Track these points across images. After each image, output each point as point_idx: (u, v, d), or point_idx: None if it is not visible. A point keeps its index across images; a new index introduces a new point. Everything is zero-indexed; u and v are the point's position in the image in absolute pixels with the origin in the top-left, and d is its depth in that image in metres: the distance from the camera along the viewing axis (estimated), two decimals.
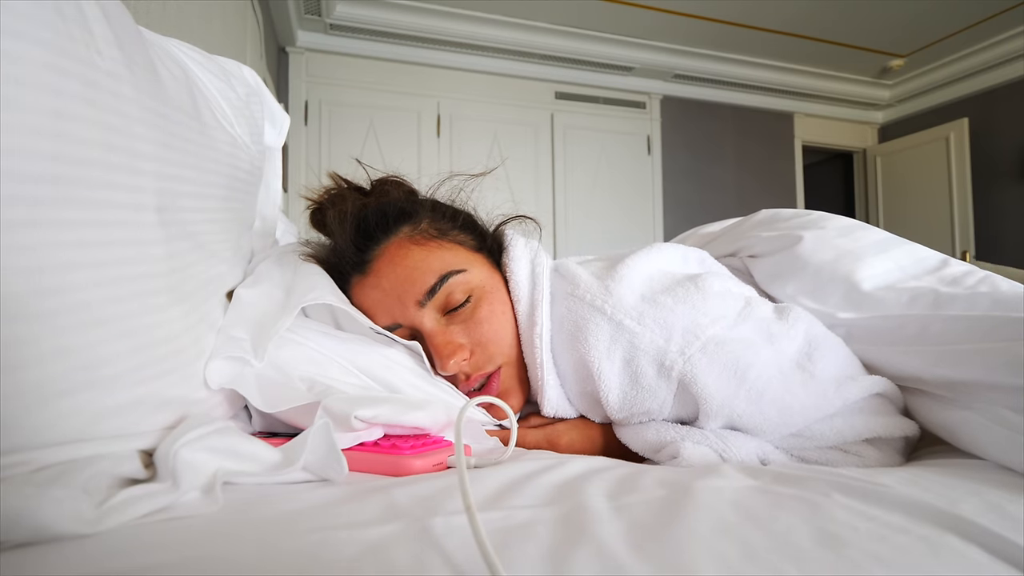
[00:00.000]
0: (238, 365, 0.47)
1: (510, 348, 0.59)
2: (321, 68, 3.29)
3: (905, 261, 0.60)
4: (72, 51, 0.30)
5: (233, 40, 1.88)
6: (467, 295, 0.58)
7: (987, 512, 0.30)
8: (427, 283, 0.56)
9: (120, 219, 0.34)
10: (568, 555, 0.25)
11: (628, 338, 0.52)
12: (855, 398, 0.50)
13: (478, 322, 0.57)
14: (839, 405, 0.49)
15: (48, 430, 0.30)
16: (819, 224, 0.65)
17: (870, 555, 0.26)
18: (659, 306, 0.52)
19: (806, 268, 0.61)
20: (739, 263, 0.70)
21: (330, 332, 0.55)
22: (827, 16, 3.34)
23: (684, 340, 0.50)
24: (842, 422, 0.49)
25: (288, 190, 2.94)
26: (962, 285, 0.56)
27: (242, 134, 0.57)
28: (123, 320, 0.34)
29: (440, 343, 0.56)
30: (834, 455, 0.50)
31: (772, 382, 0.49)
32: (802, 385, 0.49)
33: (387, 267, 0.58)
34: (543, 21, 3.35)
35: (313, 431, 0.37)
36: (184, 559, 0.25)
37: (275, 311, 0.51)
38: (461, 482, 0.28)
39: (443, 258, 0.58)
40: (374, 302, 0.58)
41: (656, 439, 0.52)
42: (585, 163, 3.74)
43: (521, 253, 0.62)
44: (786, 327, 0.53)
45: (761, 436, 0.50)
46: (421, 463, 0.40)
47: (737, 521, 0.29)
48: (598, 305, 0.54)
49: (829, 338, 0.54)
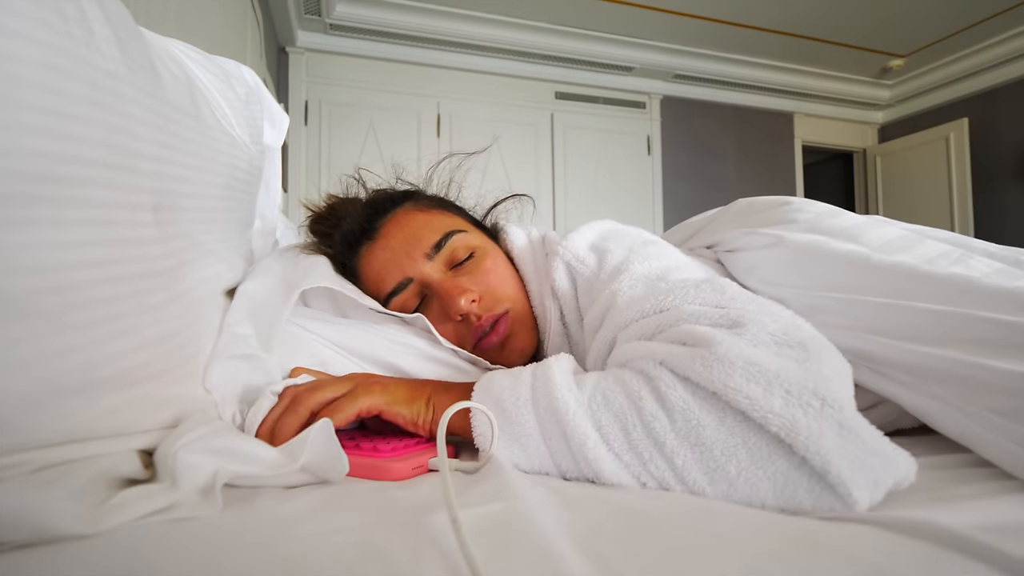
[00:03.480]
0: (243, 363, 0.47)
1: (515, 296, 0.63)
2: (321, 68, 3.29)
3: (877, 243, 0.59)
4: (73, 51, 0.30)
5: (233, 40, 1.88)
6: (470, 252, 0.63)
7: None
8: (433, 239, 0.62)
9: (119, 218, 0.34)
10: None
11: (573, 275, 0.59)
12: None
13: (484, 272, 0.62)
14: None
15: (47, 430, 0.30)
16: (790, 217, 0.64)
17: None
18: (602, 251, 0.57)
19: (778, 260, 0.60)
20: (714, 256, 0.70)
21: (330, 320, 0.57)
22: (827, 16, 3.34)
23: (613, 271, 0.54)
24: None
25: (288, 190, 2.94)
26: (936, 266, 0.55)
27: (241, 134, 0.57)
28: (121, 319, 0.34)
29: (450, 286, 0.60)
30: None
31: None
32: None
33: (395, 228, 0.63)
34: (543, 21, 3.35)
35: (313, 431, 0.37)
36: (183, 560, 0.25)
37: (278, 303, 0.51)
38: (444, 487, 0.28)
39: (444, 220, 0.65)
40: (384, 261, 0.62)
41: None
42: (585, 163, 3.74)
43: (516, 229, 0.70)
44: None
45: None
46: (400, 467, 0.40)
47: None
48: (559, 252, 0.59)
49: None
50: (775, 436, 0.33)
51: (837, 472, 0.31)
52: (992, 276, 0.51)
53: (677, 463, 0.35)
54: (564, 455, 0.39)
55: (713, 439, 0.34)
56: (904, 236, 0.60)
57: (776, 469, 0.33)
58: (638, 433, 0.37)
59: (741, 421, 0.34)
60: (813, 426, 0.32)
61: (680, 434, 0.35)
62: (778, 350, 0.37)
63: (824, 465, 0.31)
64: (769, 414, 0.33)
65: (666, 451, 0.35)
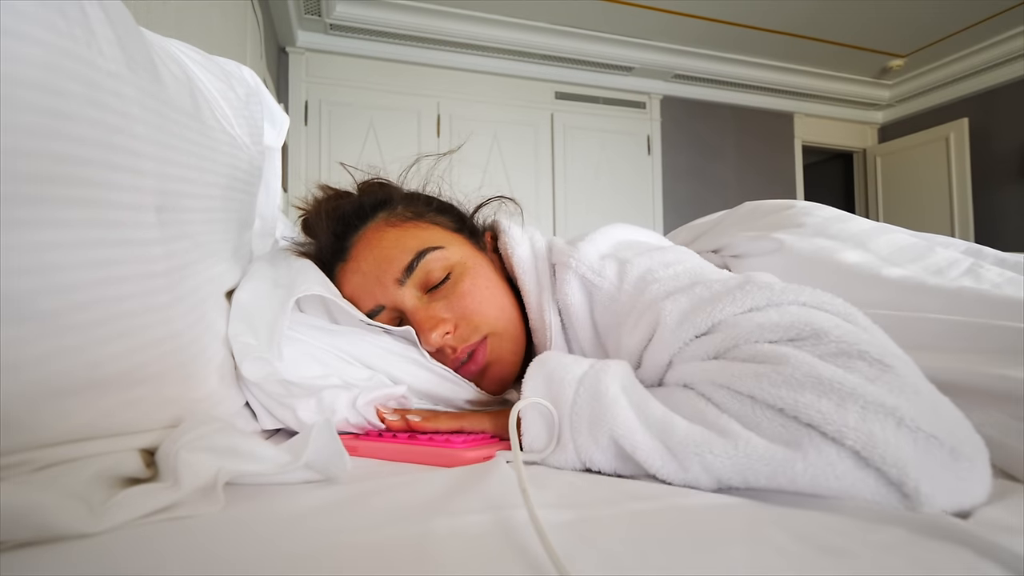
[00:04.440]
0: (266, 366, 0.48)
1: (496, 319, 0.59)
2: (321, 68, 3.29)
3: (886, 251, 0.59)
4: (74, 51, 0.30)
5: (233, 40, 1.88)
6: (447, 272, 0.59)
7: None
8: (403, 261, 0.58)
9: (120, 219, 0.34)
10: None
11: (589, 288, 0.55)
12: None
13: (460, 296, 0.58)
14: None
15: (49, 429, 0.30)
16: (797, 221, 0.64)
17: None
18: (621, 261, 0.55)
19: (784, 268, 0.60)
20: (720, 261, 0.70)
21: (325, 327, 0.56)
22: (827, 16, 3.34)
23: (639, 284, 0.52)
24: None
25: (288, 190, 2.94)
26: (946, 277, 0.55)
27: (242, 134, 0.57)
28: (123, 319, 0.34)
29: (422, 318, 0.57)
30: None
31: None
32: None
33: (365, 250, 0.60)
34: (543, 21, 3.35)
35: (315, 429, 0.37)
36: (185, 560, 0.25)
37: (276, 309, 0.51)
38: (519, 477, 0.28)
39: (419, 236, 0.60)
40: (356, 286, 0.59)
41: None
42: (585, 163, 3.74)
43: (519, 234, 0.65)
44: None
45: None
46: (473, 455, 0.43)
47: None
48: (571, 265, 0.56)
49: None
50: (851, 449, 0.31)
51: (915, 485, 0.30)
52: (1003, 287, 0.51)
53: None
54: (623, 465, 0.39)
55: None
56: (914, 244, 0.60)
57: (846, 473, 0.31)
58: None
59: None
60: (891, 440, 0.30)
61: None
62: (847, 361, 0.35)
63: (901, 477, 0.30)
64: (844, 428, 0.31)
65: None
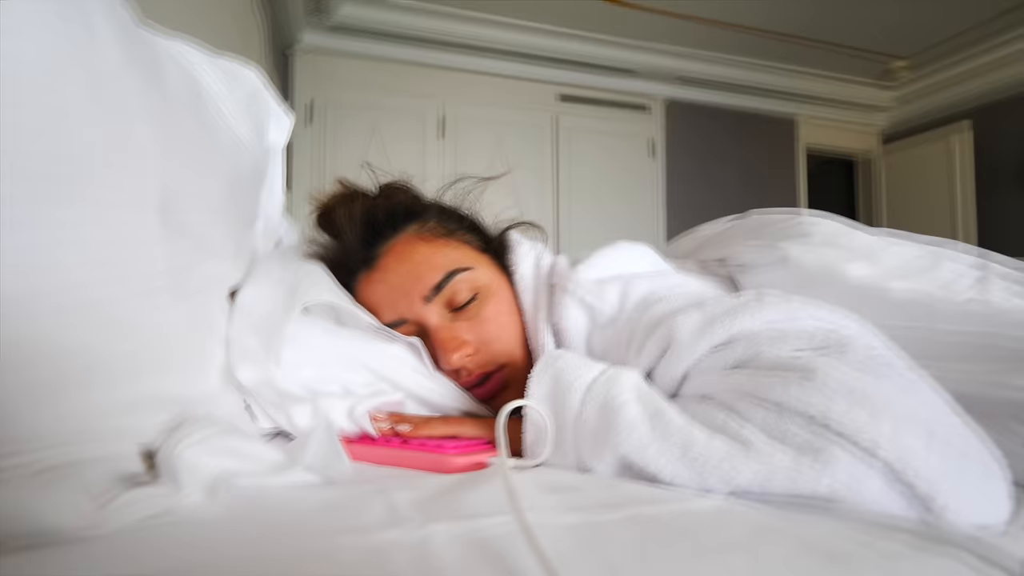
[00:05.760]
0: (262, 372, 0.48)
1: (514, 350, 0.59)
2: (324, 69, 3.29)
3: (893, 262, 0.59)
4: (75, 51, 0.30)
5: (236, 41, 1.89)
6: (473, 293, 0.58)
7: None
8: (434, 279, 0.57)
9: (121, 218, 0.34)
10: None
11: (590, 312, 0.55)
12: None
13: (483, 320, 0.58)
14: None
15: (49, 430, 0.30)
16: (804, 231, 0.64)
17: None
18: (625, 281, 0.55)
19: (790, 281, 0.59)
20: (725, 271, 0.69)
21: (331, 330, 0.56)
22: (830, 19, 3.33)
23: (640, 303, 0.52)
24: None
25: (292, 190, 2.95)
26: (953, 291, 0.55)
27: (244, 134, 0.57)
28: (124, 319, 0.34)
29: (446, 338, 0.57)
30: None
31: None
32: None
33: (394, 262, 0.59)
34: (547, 24, 3.35)
35: (315, 431, 0.37)
36: (186, 562, 0.25)
37: (279, 312, 0.51)
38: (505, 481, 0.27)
39: (449, 255, 0.60)
40: (380, 297, 0.59)
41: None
42: (588, 166, 3.74)
43: (526, 250, 0.65)
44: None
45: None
46: (462, 462, 0.43)
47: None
48: (569, 289, 0.56)
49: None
50: (883, 461, 0.31)
51: (944, 501, 0.30)
52: (1012, 300, 0.51)
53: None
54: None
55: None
56: (921, 256, 0.60)
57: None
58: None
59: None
60: (924, 455, 0.30)
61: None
62: (876, 370, 0.35)
63: (931, 492, 0.30)
64: (879, 438, 0.31)
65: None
